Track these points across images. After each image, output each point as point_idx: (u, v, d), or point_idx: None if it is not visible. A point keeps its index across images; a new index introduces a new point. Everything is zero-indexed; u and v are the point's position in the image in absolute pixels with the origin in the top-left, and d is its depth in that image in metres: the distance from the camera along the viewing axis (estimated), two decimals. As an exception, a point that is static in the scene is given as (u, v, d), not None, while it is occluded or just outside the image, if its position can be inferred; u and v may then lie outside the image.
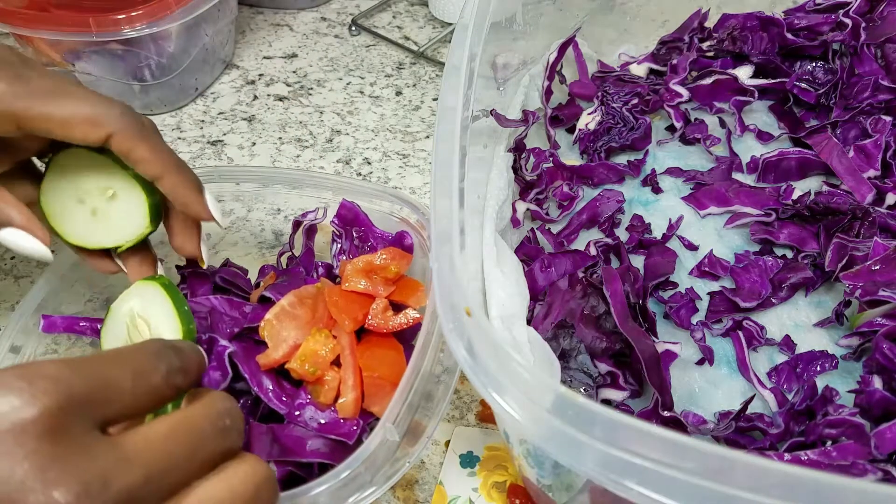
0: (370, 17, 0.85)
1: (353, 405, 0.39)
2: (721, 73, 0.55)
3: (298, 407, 0.40)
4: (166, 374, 0.27)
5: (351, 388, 0.39)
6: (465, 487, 0.44)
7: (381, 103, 0.73)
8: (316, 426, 0.39)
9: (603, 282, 0.41)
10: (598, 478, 0.26)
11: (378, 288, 0.43)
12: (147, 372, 0.27)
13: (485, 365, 0.29)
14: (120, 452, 0.24)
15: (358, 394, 0.40)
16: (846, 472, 0.34)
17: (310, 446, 0.39)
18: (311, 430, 0.39)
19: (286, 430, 0.39)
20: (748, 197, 0.49)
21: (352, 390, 0.39)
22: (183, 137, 0.71)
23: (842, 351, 0.42)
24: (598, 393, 0.40)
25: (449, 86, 0.39)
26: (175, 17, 0.65)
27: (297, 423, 0.39)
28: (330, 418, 0.40)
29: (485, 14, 0.43)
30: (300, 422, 0.39)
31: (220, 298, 0.44)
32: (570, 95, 0.59)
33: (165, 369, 0.27)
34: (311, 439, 0.39)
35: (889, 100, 0.51)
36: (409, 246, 0.46)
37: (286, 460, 0.38)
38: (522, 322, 0.39)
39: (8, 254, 0.60)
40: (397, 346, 0.43)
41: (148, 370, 0.27)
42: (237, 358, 0.40)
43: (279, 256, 0.51)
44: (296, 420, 0.40)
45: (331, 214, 0.48)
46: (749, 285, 0.44)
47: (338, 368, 0.40)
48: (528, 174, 0.51)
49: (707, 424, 0.39)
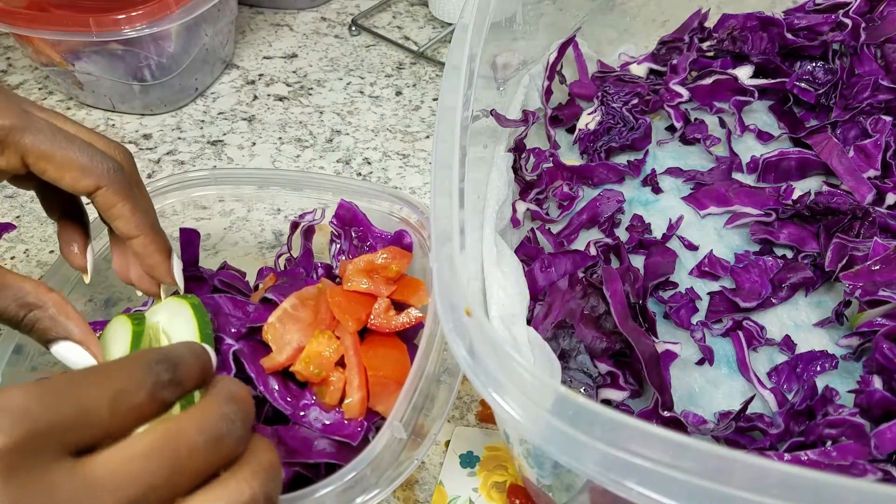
0: (370, 17, 0.85)
1: (360, 405, 0.39)
2: (721, 73, 0.55)
3: (303, 408, 0.40)
4: (152, 389, 0.25)
5: (357, 389, 0.39)
6: (465, 487, 0.44)
7: (381, 103, 0.73)
8: (320, 427, 0.39)
9: (603, 282, 0.41)
10: (598, 478, 0.26)
11: (380, 287, 0.43)
12: (129, 390, 0.24)
13: (485, 365, 0.29)
14: (88, 482, 0.22)
15: (364, 394, 0.39)
16: (846, 472, 0.34)
17: (316, 446, 0.39)
18: (315, 430, 0.39)
19: (292, 432, 0.39)
20: (748, 197, 0.49)
21: (357, 390, 0.39)
22: (183, 137, 0.71)
23: (842, 351, 0.42)
24: (598, 393, 0.40)
25: (449, 86, 0.39)
26: (175, 17, 0.65)
27: (301, 424, 0.39)
28: (334, 419, 0.40)
29: (485, 14, 0.43)
30: (305, 422, 0.39)
31: (224, 298, 0.44)
32: (570, 95, 0.59)
33: (151, 384, 0.25)
34: (318, 439, 0.39)
35: (889, 100, 0.51)
36: (409, 245, 0.46)
37: (293, 462, 0.38)
38: (522, 322, 0.39)
39: (8, 254, 0.60)
40: (400, 345, 0.43)
41: (131, 388, 0.24)
42: (243, 357, 0.40)
43: (277, 258, 0.51)
44: (300, 421, 0.39)
45: (329, 215, 0.48)
46: (749, 285, 0.45)
47: (342, 369, 0.40)
48: (528, 174, 0.51)
49: (707, 424, 0.39)
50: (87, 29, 0.63)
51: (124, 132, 0.72)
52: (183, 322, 0.40)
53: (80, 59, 0.69)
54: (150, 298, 0.49)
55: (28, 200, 0.65)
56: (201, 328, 0.40)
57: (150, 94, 0.72)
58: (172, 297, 0.42)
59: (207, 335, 0.40)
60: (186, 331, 0.40)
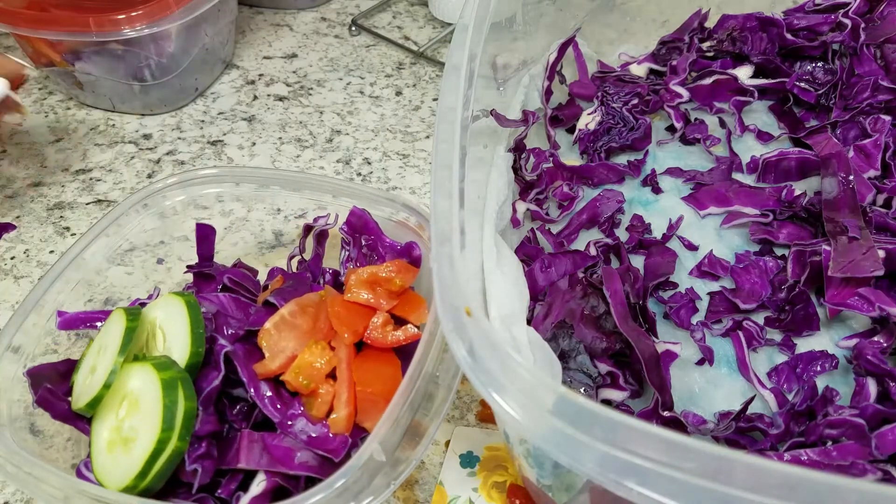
0: (370, 17, 0.85)
1: (346, 421, 0.39)
2: (721, 74, 0.55)
3: (291, 417, 0.39)
4: None
5: (344, 404, 0.39)
6: (465, 487, 0.44)
7: (381, 103, 0.73)
8: (305, 439, 0.39)
9: (603, 282, 0.41)
10: (598, 478, 0.26)
11: (380, 301, 0.43)
12: None
13: (485, 365, 0.29)
14: None
15: (351, 410, 0.39)
16: (846, 472, 0.34)
17: (298, 459, 0.38)
18: (300, 442, 0.39)
19: (277, 440, 0.39)
20: (748, 197, 0.49)
21: (345, 406, 0.39)
22: (183, 137, 0.71)
23: (842, 352, 0.42)
24: (598, 393, 0.40)
25: (449, 86, 0.39)
26: (175, 17, 0.65)
27: (287, 434, 0.39)
28: (320, 432, 0.39)
29: (485, 14, 0.43)
30: (291, 433, 0.39)
31: (228, 297, 0.44)
32: (570, 95, 0.59)
33: None
34: (300, 451, 0.39)
35: (888, 100, 0.51)
36: (417, 258, 0.46)
37: (274, 471, 0.38)
38: (522, 322, 0.39)
39: (8, 254, 0.60)
40: (395, 361, 0.42)
41: None
42: (236, 359, 0.40)
43: (289, 259, 0.51)
44: (287, 430, 0.39)
45: (341, 220, 0.48)
46: (749, 286, 0.44)
47: (333, 381, 0.40)
48: (528, 174, 0.51)
49: (707, 424, 0.39)
50: (87, 29, 0.63)
51: (124, 132, 0.72)
52: (177, 319, 0.41)
53: (80, 59, 0.69)
54: (153, 292, 0.50)
55: (28, 200, 0.65)
56: (193, 327, 0.41)
57: (150, 94, 0.72)
58: (171, 294, 0.43)
59: (199, 334, 0.41)
60: (180, 328, 0.41)
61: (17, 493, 0.47)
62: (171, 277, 0.52)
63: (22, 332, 0.44)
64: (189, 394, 0.38)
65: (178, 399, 0.38)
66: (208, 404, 0.39)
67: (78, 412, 0.41)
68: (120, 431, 0.39)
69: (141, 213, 0.50)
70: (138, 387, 0.39)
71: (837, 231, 0.43)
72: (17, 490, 0.47)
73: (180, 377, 0.38)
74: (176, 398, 0.38)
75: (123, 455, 0.38)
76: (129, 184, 0.67)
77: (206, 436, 0.38)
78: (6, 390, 0.42)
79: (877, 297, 0.40)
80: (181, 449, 0.38)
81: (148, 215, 0.50)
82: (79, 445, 0.43)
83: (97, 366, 0.41)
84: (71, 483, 0.37)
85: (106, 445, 0.39)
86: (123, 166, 0.68)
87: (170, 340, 0.41)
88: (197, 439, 0.38)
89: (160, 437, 0.37)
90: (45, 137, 0.72)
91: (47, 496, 0.37)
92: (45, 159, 0.69)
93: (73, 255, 0.47)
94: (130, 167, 0.68)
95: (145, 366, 0.39)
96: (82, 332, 0.47)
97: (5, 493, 0.47)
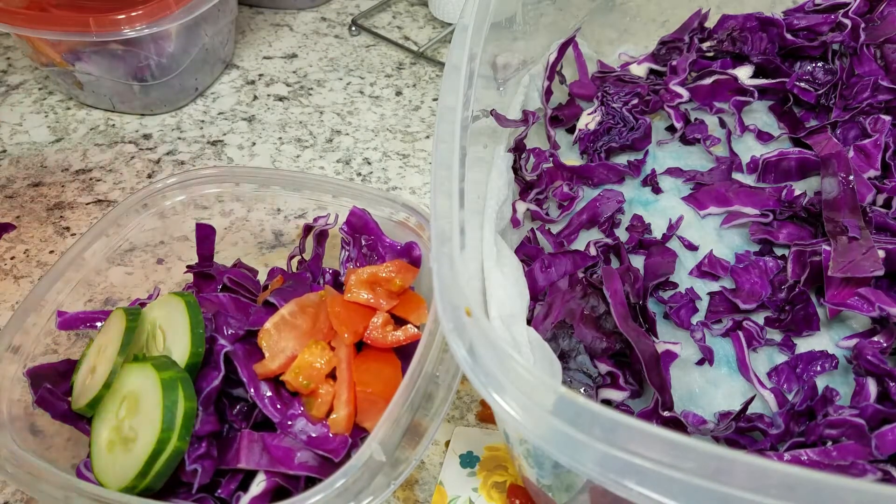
0: (370, 17, 0.85)
1: (346, 421, 0.39)
2: (721, 74, 0.55)
3: (291, 417, 0.39)
4: None
5: (344, 404, 0.39)
6: (465, 487, 0.44)
7: (381, 103, 0.73)
8: (305, 439, 0.39)
9: (603, 282, 0.41)
10: (598, 478, 0.26)
11: (380, 301, 0.43)
12: None
13: (485, 365, 0.29)
14: None
15: (351, 410, 0.39)
16: (846, 472, 0.34)
17: (298, 459, 0.38)
18: (300, 442, 0.39)
19: (277, 440, 0.39)
20: (748, 197, 0.49)
21: (345, 406, 0.39)
22: (183, 137, 0.71)
23: (842, 352, 0.42)
24: (598, 393, 0.40)
25: (449, 86, 0.39)
26: (175, 17, 0.65)
27: (287, 434, 0.39)
28: (320, 432, 0.39)
29: (485, 14, 0.43)
30: (291, 432, 0.39)
31: (228, 297, 0.44)
32: (570, 95, 0.59)
33: None
34: (300, 451, 0.39)
35: (888, 100, 0.51)
36: (417, 258, 0.46)
37: (274, 471, 0.38)
38: (522, 322, 0.39)
39: (8, 254, 0.60)
40: (395, 361, 0.42)
41: None
42: (236, 359, 0.40)
43: (289, 259, 0.51)
44: (287, 430, 0.39)
45: (341, 220, 0.48)
46: (749, 286, 0.44)
47: (333, 381, 0.40)
48: (528, 174, 0.51)
49: (707, 424, 0.39)
50: (87, 29, 0.63)
51: (124, 132, 0.72)
52: (177, 319, 0.41)
53: (80, 59, 0.69)
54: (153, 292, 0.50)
55: (28, 200, 0.65)
56: (193, 327, 0.40)
57: (150, 94, 0.72)
58: (171, 294, 0.43)
59: (199, 334, 0.40)
60: (180, 328, 0.41)
61: (17, 493, 0.47)
62: (171, 277, 0.52)
63: (22, 332, 0.44)
64: (189, 394, 0.38)
65: (178, 399, 0.38)
66: (208, 404, 0.39)
67: (78, 412, 0.41)
68: (120, 431, 0.39)
69: (141, 213, 0.50)
70: (138, 387, 0.39)
71: (837, 231, 0.43)
72: (17, 490, 0.47)
73: (180, 377, 0.38)
74: (176, 398, 0.38)
75: (123, 455, 0.38)
76: (129, 184, 0.67)
77: (206, 436, 0.38)
78: (6, 390, 0.42)
79: (877, 297, 0.40)
80: (181, 449, 0.38)
81: (148, 215, 0.50)
82: (79, 445, 0.43)
83: (97, 366, 0.41)
84: (71, 483, 0.37)
85: (106, 445, 0.39)
86: (123, 166, 0.68)
87: (170, 340, 0.41)
88: (197, 439, 0.38)
89: (160, 437, 0.37)
90: (45, 137, 0.72)
91: (47, 496, 0.37)
92: (45, 159, 0.69)
93: (73, 255, 0.47)
94: (130, 167, 0.68)
95: (145, 366, 0.39)
96: (82, 332, 0.47)
97: (5, 493, 0.47)
